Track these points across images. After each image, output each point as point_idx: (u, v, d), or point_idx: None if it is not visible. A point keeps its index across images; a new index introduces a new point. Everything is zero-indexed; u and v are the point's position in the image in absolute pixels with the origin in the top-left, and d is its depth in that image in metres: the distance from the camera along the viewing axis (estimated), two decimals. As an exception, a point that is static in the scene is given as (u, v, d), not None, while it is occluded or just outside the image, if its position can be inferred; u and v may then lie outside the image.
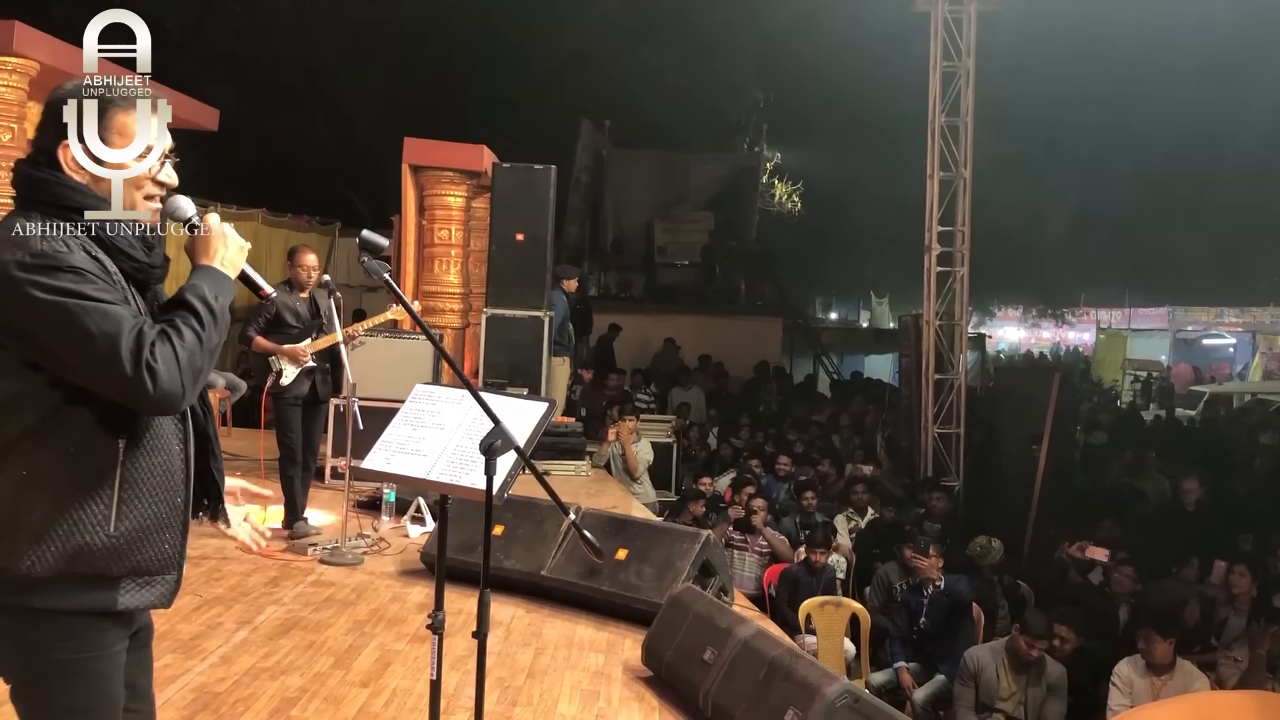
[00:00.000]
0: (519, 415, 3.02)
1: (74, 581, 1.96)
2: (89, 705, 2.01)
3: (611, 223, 21.75)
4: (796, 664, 3.79)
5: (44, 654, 1.96)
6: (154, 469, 2.05)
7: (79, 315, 1.87)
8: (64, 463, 1.95)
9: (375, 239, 2.53)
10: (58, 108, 2.08)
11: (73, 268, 1.92)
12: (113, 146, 2.10)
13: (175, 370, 1.91)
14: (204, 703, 3.93)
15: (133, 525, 2.01)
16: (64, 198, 2.03)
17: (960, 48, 12.03)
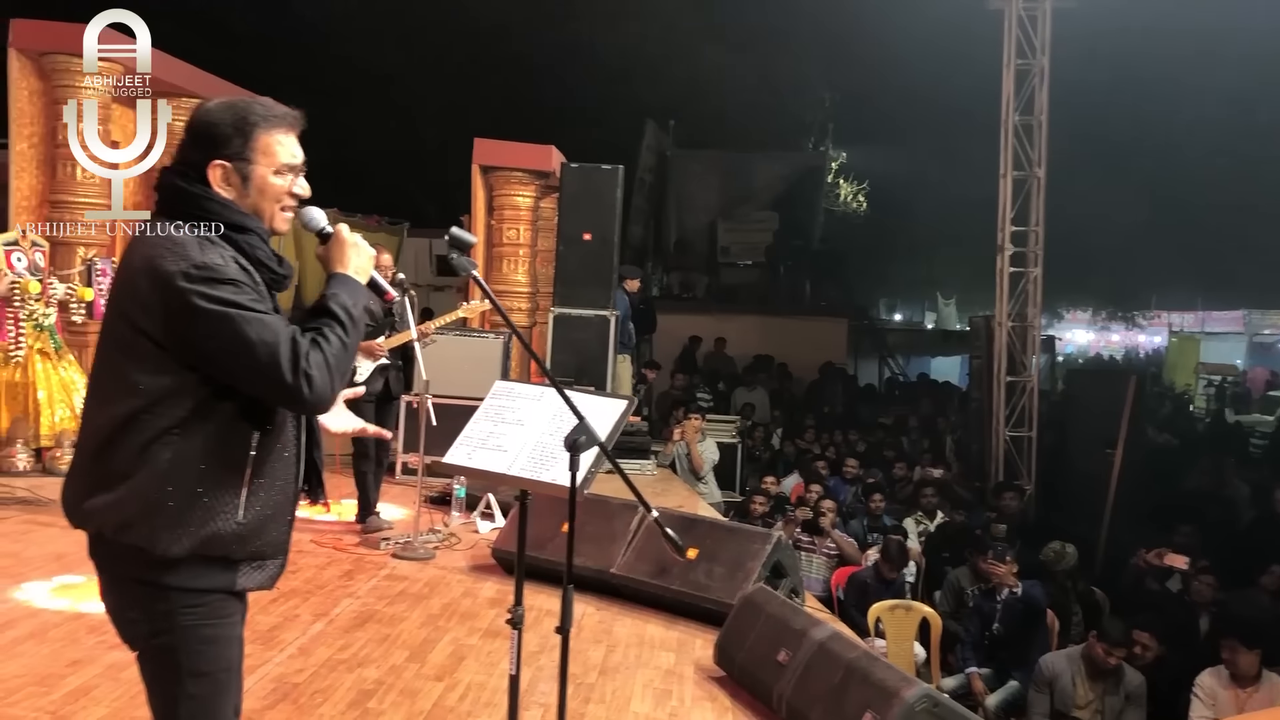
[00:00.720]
0: (599, 412, 3.03)
1: (203, 563, 2.12)
2: (212, 671, 2.17)
3: (674, 223, 21.73)
4: (874, 667, 3.75)
5: (174, 620, 2.12)
6: (277, 461, 2.21)
7: (241, 325, 2.03)
8: (204, 453, 2.10)
9: (464, 235, 2.55)
10: (206, 128, 2.19)
11: (231, 279, 2.06)
12: (258, 164, 2.20)
13: (326, 375, 2.09)
14: (284, 693, 3.99)
15: (257, 513, 2.17)
16: (215, 213, 2.16)
17: (1035, 45, 11.84)
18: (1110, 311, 37.12)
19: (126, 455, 2.07)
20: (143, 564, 2.09)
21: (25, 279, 7.59)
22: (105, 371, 2.14)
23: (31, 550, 5.60)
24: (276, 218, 2.25)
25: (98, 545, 2.16)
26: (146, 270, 2.06)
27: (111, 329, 2.13)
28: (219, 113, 2.20)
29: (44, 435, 7.59)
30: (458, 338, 8.52)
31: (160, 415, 2.07)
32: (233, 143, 2.17)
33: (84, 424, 2.21)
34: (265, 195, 2.21)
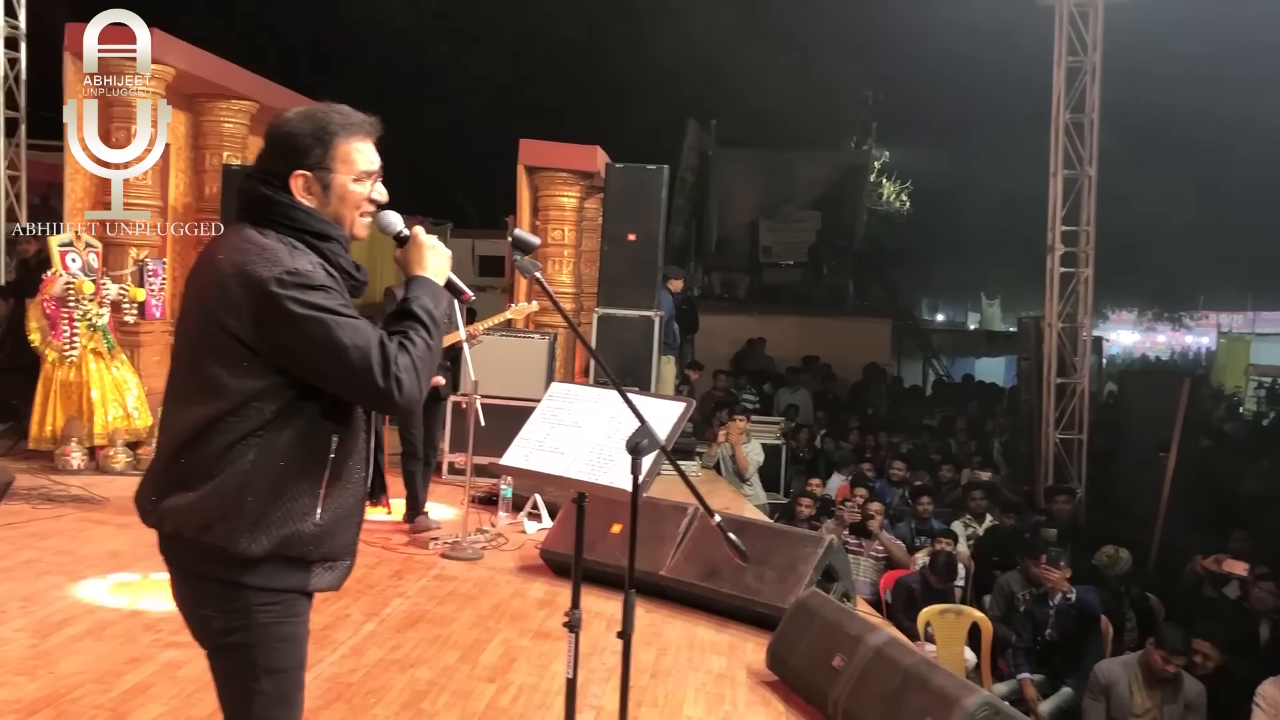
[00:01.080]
0: (659, 415, 3.00)
1: (280, 563, 2.15)
2: (286, 668, 2.21)
3: (716, 223, 21.68)
4: (933, 674, 3.69)
5: (250, 618, 2.15)
6: (351, 464, 2.25)
7: (334, 329, 2.07)
8: (286, 455, 2.14)
9: (527, 237, 2.53)
10: (286, 138, 2.23)
11: (322, 285, 2.12)
12: (339, 172, 2.24)
13: (414, 378, 2.13)
14: (337, 693, 4.00)
15: (333, 515, 2.20)
16: (300, 221, 2.20)
17: (1086, 42, 11.67)
18: (1157, 312, 36.57)
19: (209, 456, 2.10)
20: (222, 563, 2.12)
21: (79, 279, 7.70)
22: (189, 373, 2.17)
23: (87, 548, 5.66)
24: (356, 224, 2.29)
25: (174, 544, 2.18)
26: (238, 275, 2.09)
27: (197, 331, 2.15)
28: (298, 123, 2.24)
29: (97, 434, 7.70)
30: (503, 338, 8.53)
31: (245, 417, 2.10)
32: (313, 153, 2.21)
33: (164, 425, 2.24)
34: (346, 202, 2.26)
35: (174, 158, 9.56)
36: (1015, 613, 7.49)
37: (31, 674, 3.90)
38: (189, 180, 9.85)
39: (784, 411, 14.08)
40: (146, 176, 8.54)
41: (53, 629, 4.42)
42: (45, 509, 6.51)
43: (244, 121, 9.95)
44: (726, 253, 21.35)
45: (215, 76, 9.33)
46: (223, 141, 9.76)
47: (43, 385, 7.67)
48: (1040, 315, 12.65)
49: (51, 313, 7.64)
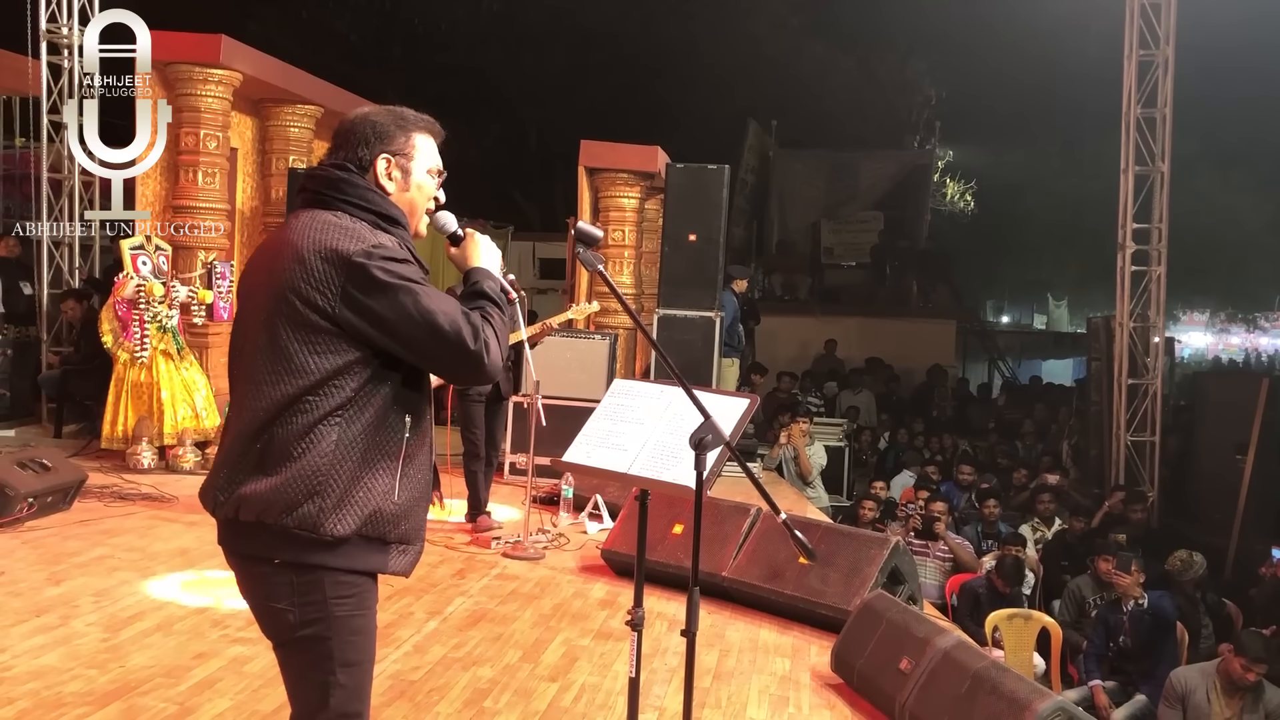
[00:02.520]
0: (722, 411, 2.95)
1: (364, 544, 2.17)
2: (360, 660, 2.23)
3: (777, 224, 21.55)
4: (1004, 678, 3.60)
5: (327, 610, 2.16)
6: (421, 445, 2.29)
7: (424, 298, 2.12)
8: (366, 435, 2.16)
9: (590, 230, 2.51)
10: (370, 126, 2.30)
11: (407, 259, 2.18)
12: (416, 161, 2.34)
13: (498, 346, 2.21)
14: (400, 690, 4.00)
15: (408, 496, 2.23)
16: (375, 203, 2.25)
17: (1159, 35, 11.39)
18: (1230, 313, 35.66)
19: (289, 437, 2.12)
20: (306, 546, 2.12)
21: (150, 282, 7.84)
22: (264, 356, 2.16)
23: (157, 545, 5.76)
24: (419, 220, 2.37)
25: (250, 532, 2.15)
26: (321, 250, 2.12)
27: (272, 311, 2.15)
28: (378, 114, 2.32)
29: (167, 434, 7.83)
30: (564, 339, 8.53)
31: (325, 397, 2.13)
32: (397, 139, 2.29)
33: (238, 410, 2.22)
34: (422, 192, 2.34)
35: (241, 162, 9.73)
36: (1086, 618, 7.33)
37: (103, 667, 3.97)
38: (256, 184, 10.01)
39: (845, 413, 13.93)
40: (214, 180, 8.68)
41: (123, 624, 4.49)
42: (117, 507, 6.63)
43: (309, 126, 10.09)
44: (787, 254, 21.21)
45: (281, 81, 9.47)
46: (289, 146, 9.91)
47: (114, 386, 7.83)
48: (1110, 315, 12.38)
49: (123, 315, 7.79)
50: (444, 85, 20.08)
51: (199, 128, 8.57)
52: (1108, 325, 12.35)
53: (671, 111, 20.65)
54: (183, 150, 8.64)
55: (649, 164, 10.47)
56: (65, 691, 3.71)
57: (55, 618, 4.49)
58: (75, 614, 4.56)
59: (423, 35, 20.51)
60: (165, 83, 8.61)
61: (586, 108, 20.33)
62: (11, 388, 9.26)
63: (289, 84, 9.62)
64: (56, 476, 6.23)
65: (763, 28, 21.34)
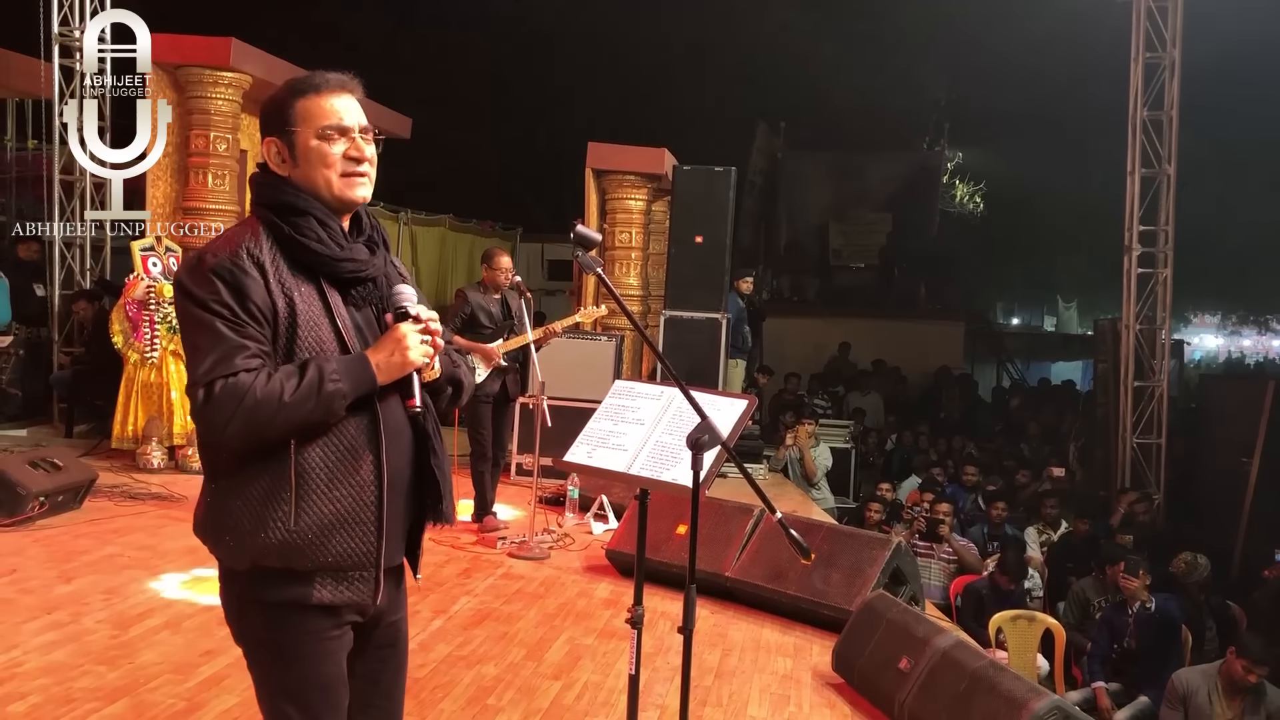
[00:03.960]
0: (721, 412, 2.99)
1: (267, 574, 2.01)
2: (300, 690, 2.06)
3: (785, 225, 21.56)
4: (1001, 677, 3.63)
5: (256, 633, 2.08)
6: (331, 465, 2.02)
7: (201, 330, 1.96)
8: (249, 461, 1.99)
9: (588, 234, 2.54)
10: (262, 112, 2.16)
11: (223, 279, 1.98)
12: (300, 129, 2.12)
13: (233, 407, 1.91)
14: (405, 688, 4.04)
15: (315, 521, 2.00)
16: (267, 195, 2.12)
17: (1165, 37, 11.40)
18: (1241, 315, 35.49)
19: (204, 461, 2.08)
20: (223, 574, 2.09)
21: (160, 283, 7.90)
22: None
23: (166, 544, 5.82)
24: (337, 185, 2.09)
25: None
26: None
27: None
28: (270, 96, 2.16)
29: (176, 434, 7.89)
30: (571, 340, 8.57)
31: None
32: (280, 116, 2.10)
33: None
34: (312, 162, 2.08)
35: (250, 164, 9.78)
36: (1090, 619, 7.35)
37: (112, 664, 4.02)
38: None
39: (852, 415, 13.95)
40: (224, 182, 8.75)
41: (133, 621, 4.55)
42: (127, 506, 6.70)
43: (319, 128, 10.14)
44: (796, 255, 21.23)
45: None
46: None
47: (125, 386, 7.89)
48: (1118, 317, 12.38)
49: (133, 315, 7.86)
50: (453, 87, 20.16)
51: (209, 130, 8.64)
52: (1115, 327, 12.36)
53: (680, 112, 20.69)
54: (193, 152, 8.71)
55: (656, 166, 10.51)
56: (75, 687, 3.77)
57: (66, 615, 4.55)
58: (85, 611, 4.62)
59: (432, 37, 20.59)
60: (176, 85, 8.69)
61: (595, 109, 20.40)
62: (23, 388, 9.35)
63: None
64: (67, 476, 6.29)
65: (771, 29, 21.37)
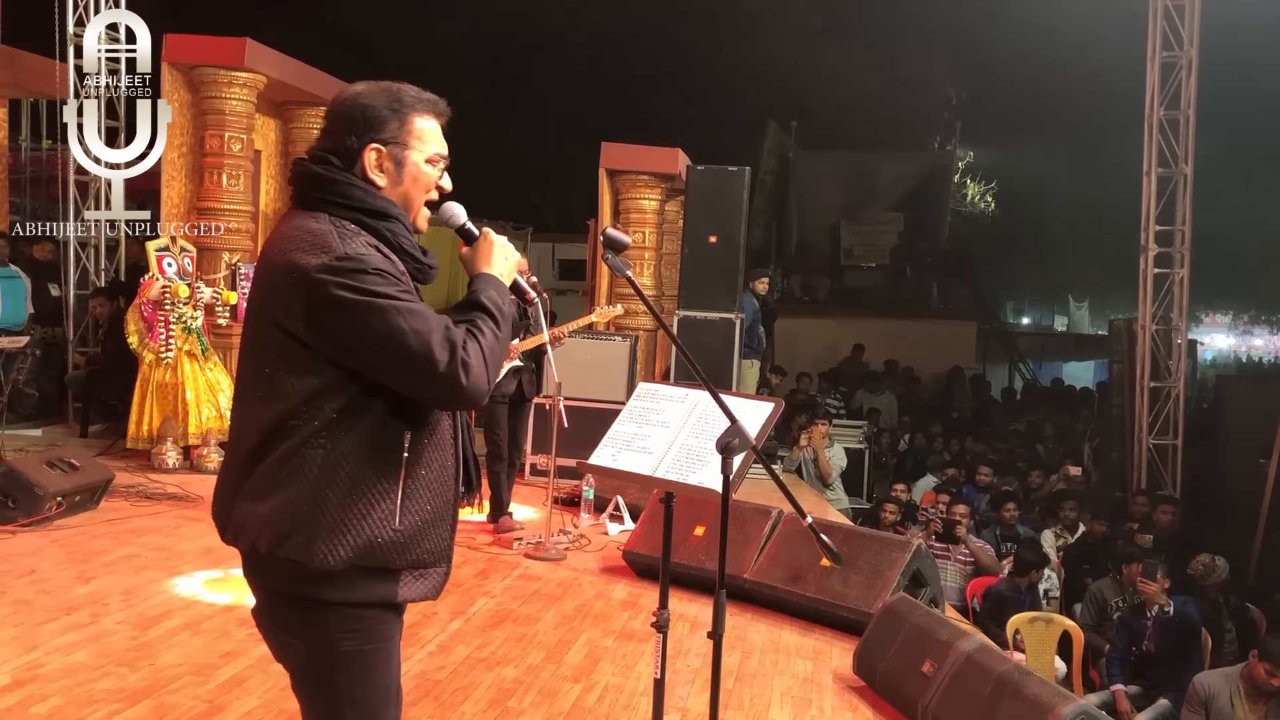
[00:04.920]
0: (748, 414, 2.97)
1: (362, 574, 2.00)
2: (369, 696, 2.06)
3: (796, 225, 21.54)
4: (1027, 681, 3.60)
5: (333, 644, 2.02)
6: (433, 464, 2.08)
7: (391, 314, 1.90)
8: (355, 457, 1.98)
9: (619, 235, 2.52)
10: (360, 110, 2.07)
11: (377, 269, 1.95)
12: (412, 149, 2.10)
13: (483, 366, 1.96)
14: (425, 690, 4.04)
15: (415, 520, 2.04)
16: (357, 199, 2.04)
17: (1182, 36, 11.34)
18: (1253, 315, 35.38)
19: (276, 462, 1.98)
20: (299, 579, 1.99)
21: (175, 283, 7.91)
22: (250, 375, 2.05)
23: (183, 544, 5.82)
24: (420, 214, 2.15)
25: (251, 561, 2.07)
26: (285, 266, 1.96)
27: (254, 330, 2.04)
28: (371, 95, 2.08)
29: (191, 434, 7.89)
30: (585, 341, 8.56)
31: (307, 419, 1.96)
32: (389, 125, 2.06)
33: (232, 429, 2.12)
34: (418, 184, 2.11)
35: (265, 164, 9.80)
36: (1107, 621, 7.31)
37: (133, 665, 4.01)
38: (279, 186, 10.07)
39: (866, 415, 13.92)
40: (239, 182, 8.75)
41: (152, 622, 4.54)
42: (143, 506, 6.70)
43: (332, 128, 10.14)
44: (807, 255, 21.21)
45: (304, 84, 9.52)
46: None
47: (140, 386, 7.89)
48: (1133, 318, 12.33)
49: (148, 315, 7.86)
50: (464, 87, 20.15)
51: (223, 130, 8.63)
52: (1130, 328, 12.31)
53: (691, 112, 20.71)
54: (207, 152, 8.71)
55: (670, 166, 10.49)
56: (97, 689, 3.76)
57: (85, 615, 4.55)
58: (104, 612, 4.61)
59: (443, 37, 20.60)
60: (190, 85, 8.68)
61: (606, 109, 20.39)
62: (38, 388, 9.36)
63: (312, 86, 9.68)
64: (84, 476, 6.30)
65: (782, 29, 21.34)
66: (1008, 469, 11.34)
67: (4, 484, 5.87)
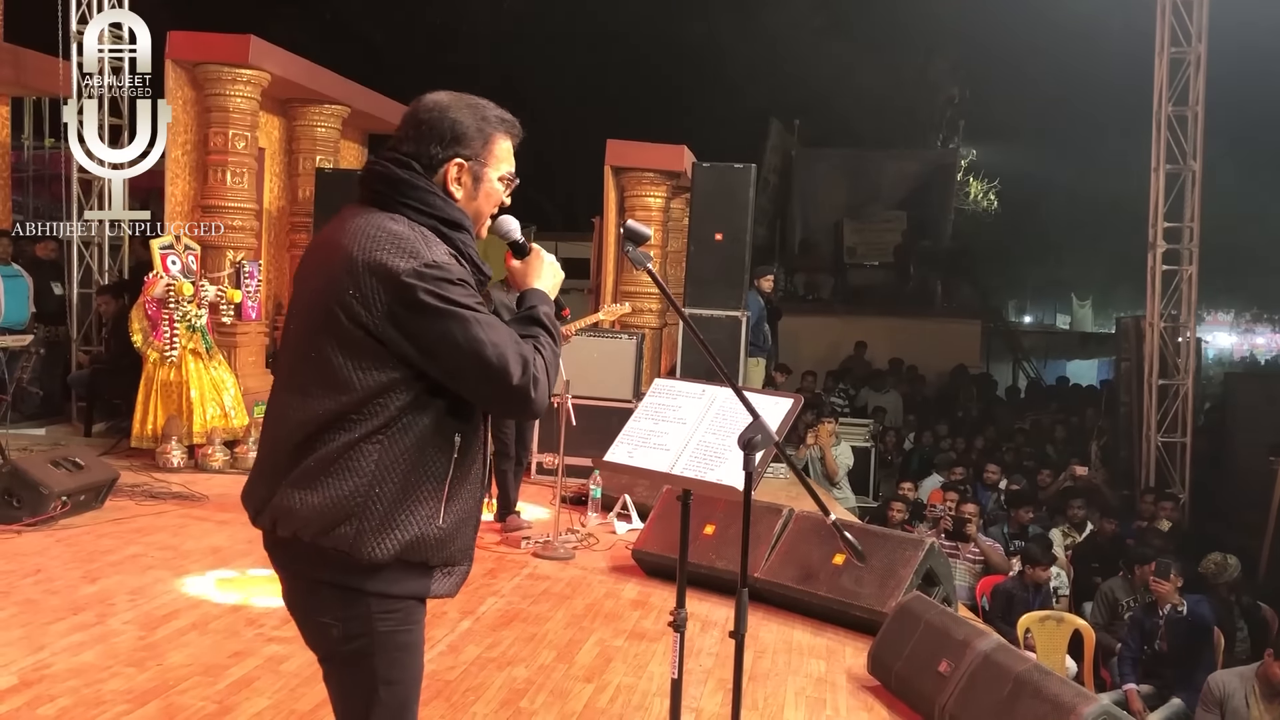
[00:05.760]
0: (767, 411, 2.92)
1: (403, 569, 2.07)
2: (403, 679, 2.13)
3: (799, 224, 21.49)
4: (1047, 681, 3.56)
5: (371, 625, 2.07)
6: (471, 466, 2.17)
7: (474, 326, 2.00)
8: (410, 456, 2.05)
9: (639, 229, 2.49)
10: (449, 124, 2.16)
11: (461, 280, 2.04)
12: (491, 167, 2.21)
13: (546, 381, 2.09)
14: (437, 690, 3.99)
15: (454, 519, 2.12)
16: (437, 208, 2.12)
17: (1190, 32, 11.29)
18: (1256, 313, 35.32)
19: (331, 455, 2.01)
20: (344, 568, 2.04)
21: (179, 281, 7.86)
22: (309, 363, 2.06)
23: (189, 544, 5.77)
24: (484, 226, 2.25)
25: (289, 547, 2.08)
26: (371, 264, 1.99)
27: (321, 320, 2.04)
28: (459, 110, 2.18)
29: (196, 433, 7.85)
30: (591, 339, 8.52)
31: (370, 414, 2.02)
32: (474, 142, 2.16)
33: (278, 417, 2.13)
34: (490, 200, 2.22)
35: (269, 162, 9.77)
36: (1118, 619, 7.27)
37: (141, 665, 3.97)
38: (283, 183, 10.05)
39: (872, 414, 13.87)
40: (243, 180, 8.71)
41: (159, 622, 4.50)
42: (148, 505, 6.65)
43: (336, 126, 10.12)
44: (810, 254, 21.15)
45: (308, 81, 9.49)
46: (315, 146, 9.95)
47: (144, 385, 7.86)
48: (1140, 315, 12.28)
49: (153, 314, 7.82)
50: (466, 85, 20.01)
51: (228, 128, 8.60)
52: (1138, 325, 12.26)
53: (693, 111, 20.65)
54: (211, 150, 8.68)
55: (675, 163, 10.45)
56: (105, 689, 3.72)
57: (92, 615, 4.51)
58: (111, 612, 4.57)
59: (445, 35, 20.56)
60: (194, 83, 8.65)
61: (608, 107, 20.34)
62: (42, 387, 9.32)
63: (316, 84, 9.65)
64: (89, 475, 6.26)
65: (785, 27, 21.30)
66: (1015, 467, 11.29)
67: (9, 483, 5.84)
